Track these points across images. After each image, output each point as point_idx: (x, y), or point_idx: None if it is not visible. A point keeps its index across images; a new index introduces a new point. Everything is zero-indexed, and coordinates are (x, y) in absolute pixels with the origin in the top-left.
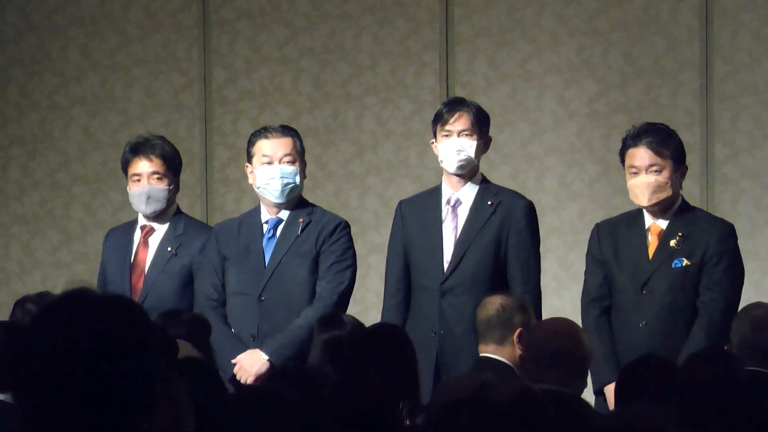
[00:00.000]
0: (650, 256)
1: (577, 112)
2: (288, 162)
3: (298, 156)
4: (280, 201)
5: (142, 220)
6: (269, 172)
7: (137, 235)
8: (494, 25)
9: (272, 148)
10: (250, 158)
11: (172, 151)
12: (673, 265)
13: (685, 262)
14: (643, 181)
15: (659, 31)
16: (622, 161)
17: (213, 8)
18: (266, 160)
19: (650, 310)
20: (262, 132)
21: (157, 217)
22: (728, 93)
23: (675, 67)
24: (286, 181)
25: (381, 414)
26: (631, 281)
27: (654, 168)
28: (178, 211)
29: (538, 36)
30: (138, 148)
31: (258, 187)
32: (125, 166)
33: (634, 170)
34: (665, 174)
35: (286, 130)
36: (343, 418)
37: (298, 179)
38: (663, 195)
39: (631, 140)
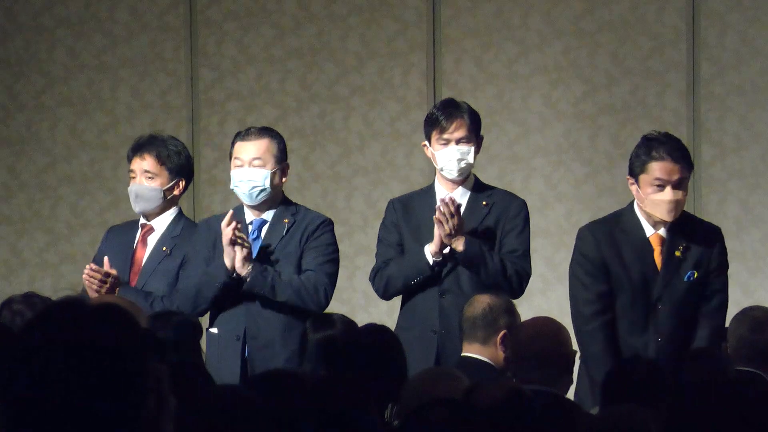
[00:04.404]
0: (658, 267)
1: (563, 112)
2: (257, 165)
3: (272, 158)
4: (250, 203)
5: (142, 219)
6: (238, 175)
7: (137, 234)
8: (481, 26)
9: (244, 151)
10: (231, 159)
11: (170, 151)
12: (685, 278)
13: (695, 274)
14: (672, 197)
15: (646, 31)
16: (637, 172)
17: (200, 9)
18: (238, 163)
19: (665, 325)
20: (241, 134)
21: (157, 216)
22: (715, 93)
23: (662, 67)
24: (252, 184)
25: (369, 414)
26: (642, 295)
27: (683, 183)
28: (180, 212)
29: (525, 37)
30: (138, 146)
31: (232, 188)
32: (129, 162)
33: (659, 183)
34: (686, 189)
35: (264, 132)
36: (330, 418)
37: (267, 182)
38: (681, 210)
39: (654, 152)
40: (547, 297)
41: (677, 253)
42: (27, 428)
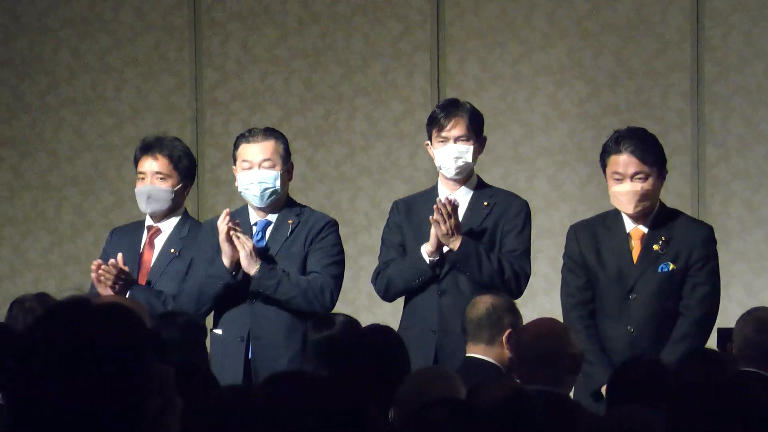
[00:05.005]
0: (634, 260)
1: (568, 113)
2: (267, 167)
3: (280, 159)
4: (260, 206)
5: (148, 221)
6: (248, 177)
7: (144, 236)
8: (485, 26)
9: (252, 153)
10: (235, 161)
11: (180, 153)
12: (659, 270)
13: (671, 266)
14: (629, 189)
15: (650, 32)
16: (603, 166)
17: (204, 9)
18: (246, 165)
19: (637, 316)
20: (245, 135)
21: (164, 217)
22: (719, 94)
23: (666, 68)
24: (264, 186)
25: (371, 415)
26: (616, 286)
27: (639, 176)
28: (185, 213)
29: (529, 37)
30: (147, 147)
31: (240, 191)
32: (135, 163)
33: (617, 176)
34: (650, 181)
35: (269, 133)
36: (333, 418)
37: (278, 183)
38: (647, 203)
39: (613, 146)
40: (551, 297)
41: (656, 247)
42: (30, 428)
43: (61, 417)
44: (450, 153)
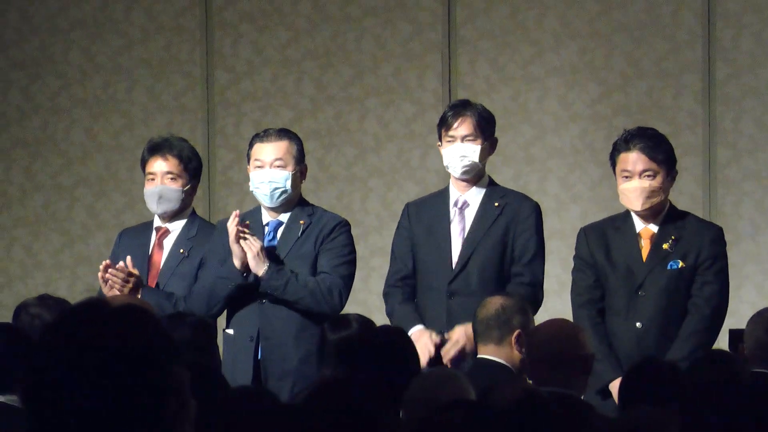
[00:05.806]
0: (643, 259)
1: (579, 114)
2: (278, 167)
3: (292, 160)
4: (270, 205)
5: (157, 221)
6: (259, 176)
7: (153, 237)
8: (496, 27)
9: (264, 152)
10: (249, 160)
11: (190, 153)
12: (668, 267)
13: (680, 264)
14: (637, 185)
15: (661, 33)
16: (613, 165)
17: (215, 10)
18: (258, 164)
19: (645, 312)
20: (260, 135)
21: (172, 218)
22: (730, 95)
23: (677, 69)
24: (274, 186)
25: (381, 416)
26: (624, 283)
27: (647, 173)
28: (194, 214)
29: (541, 38)
30: (156, 148)
31: (252, 190)
32: (143, 164)
33: (626, 174)
34: (658, 179)
35: (282, 134)
36: (344, 418)
37: (288, 184)
38: (656, 200)
39: (623, 144)
40: (563, 299)
41: (665, 246)
42: (47, 430)
43: (79, 419)
44: (456, 152)
